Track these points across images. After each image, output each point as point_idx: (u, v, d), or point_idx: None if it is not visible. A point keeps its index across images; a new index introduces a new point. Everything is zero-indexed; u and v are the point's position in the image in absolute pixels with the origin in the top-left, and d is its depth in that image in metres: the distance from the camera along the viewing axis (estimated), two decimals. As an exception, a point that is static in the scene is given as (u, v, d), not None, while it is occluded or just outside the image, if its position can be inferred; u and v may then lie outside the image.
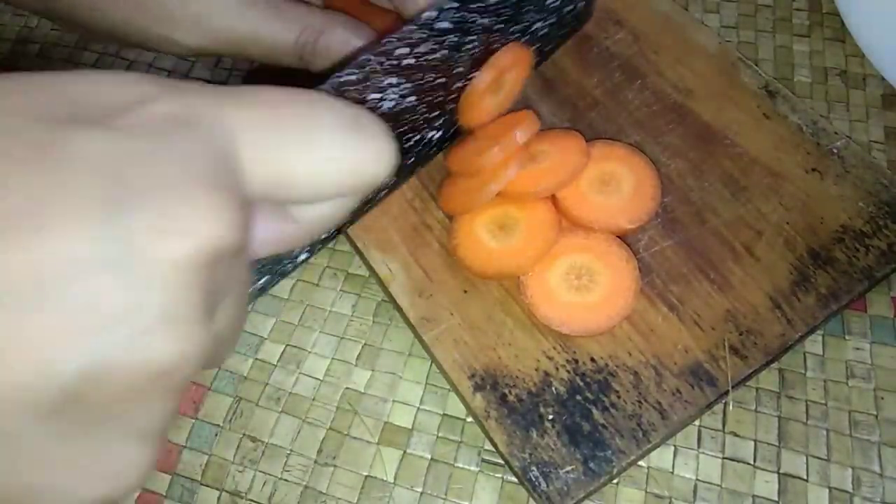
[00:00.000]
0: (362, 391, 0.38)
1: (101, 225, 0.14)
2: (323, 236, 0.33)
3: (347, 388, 0.38)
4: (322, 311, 0.41)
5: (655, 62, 0.44)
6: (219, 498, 0.36)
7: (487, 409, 0.35)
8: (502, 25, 0.36)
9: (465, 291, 0.38)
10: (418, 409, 0.38)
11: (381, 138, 0.19)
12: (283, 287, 0.41)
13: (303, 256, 0.33)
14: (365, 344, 0.40)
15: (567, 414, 0.34)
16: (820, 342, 0.38)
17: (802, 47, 0.48)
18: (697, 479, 0.35)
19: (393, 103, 0.32)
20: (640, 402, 0.34)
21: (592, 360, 0.35)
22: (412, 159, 0.35)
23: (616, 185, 0.39)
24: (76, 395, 0.14)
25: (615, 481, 0.35)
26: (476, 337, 0.36)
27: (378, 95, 0.30)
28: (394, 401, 0.38)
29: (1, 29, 0.54)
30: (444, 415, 0.37)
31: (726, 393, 0.34)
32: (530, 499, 0.35)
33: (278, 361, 0.39)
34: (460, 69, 0.35)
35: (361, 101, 0.30)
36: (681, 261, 0.38)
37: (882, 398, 0.36)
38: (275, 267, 0.31)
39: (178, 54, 0.35)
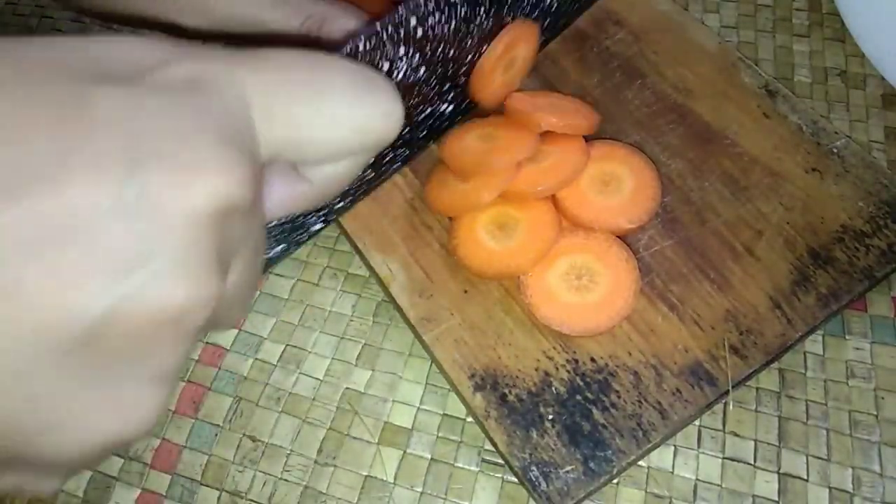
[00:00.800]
0: (362, 391, 0.38)
1: (121, 176, 0.14)
2: (339, 203, 0.33)
3: (347, 388, 0.38)
4: (322, 311, 0.41)
5: (655, 62, 0.44)
6: (219, 498, 0.36)
7: (487, 409, 0.34)
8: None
9: (465, 291, 0.38)
10: (418, 409, 0.38)
11: (390, 98, 0.20)
12: (283, 287, 0.41)
13: (317, 227, 0.33)
14: (365, 344, 0.40)
15: (567, 414, 0.34)
16: (820, 342, 0.38)
17: (802, 47, 0.48)
18: (697, 479, 0.35)
19: (403, 74, 0.32)
20: (640, 401, 0.34)
21: (592, 359, 0.35)
22: (424, 132, 0.36)
23: (616, 185, 0.39)
24: (95, 336, 0.15)
25: (615, 481, 0.35)
26: (476, 337, 0.36)
27: (388, 65, 0.31)
28: (394, 401, 0.38)
29: (1, 29, 0.54)
30: (444, 415, 0.37)
31: (726, 393, 0.34)
32: (530, 499, 0.35)
33: (278, 361, 0.39)
34: (470, 42, 0.35)
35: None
36: (681, 261, 0.38)
37: (882, 398, 0.36)
38: (290, 236, 0.31)
39: (182, 37, 0.35)
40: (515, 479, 0.35)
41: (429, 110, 0.35)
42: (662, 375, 0.35)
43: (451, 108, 0.37)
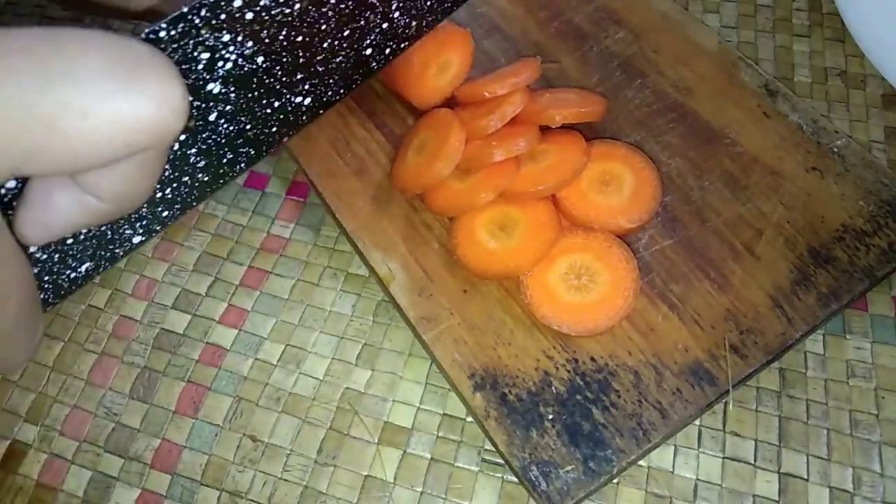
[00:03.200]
0: (362, 391, 0.38)
1: None
2: (164, 212, 0.28)
3: (347, 387, 0.38)
4: (322, 311, 0.41)
5: (655, 61, 0.44)
6: (219, 498, 0.36)
7: (487, 409, 0.34)
8: None
9: (465, 291, 0.37)
10: (418, 408, 0.38)
11: (163, 80, 0.16)
12: (283, 287, 0.41)
13: (137, 239, 0.28)
14: (365, 344, 0.40)
15: (567, 413, 0.34)
16: (821, 341, 0.38)
17: (802, 47, 0.48)
18: (698, 479, 0.35)
19: (234, 65, 0.27)
20: (640, 401, 0.34)
21: (592, 359, 0.35)
22: (274, 127, 0.31)
23: (616, 185, 0.39)
24: None
25: (615, 481, 0.35)
26: (476, 336, 0.36)
27: (208, 55, 0.26)
28: (394, 400, 0.38)
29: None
30: (444, 414, 0.37)
31: (727, 392, 0.34)
32: (530, 499, 0.35)
33: (278, 361, 0.39)
34: (326, 27, 0.30)
35: (190, 62, 0.25)
36: (681, 260, 0.38)
37: (883, 398, 0.36)
38: (99, 251, 0.26)
39: (132, 16, 0.33)
40: (515, 479, 0.35)
41: (277, 104, 0.31)
42: (663, 375, 0.35)
43: (308, 100, 0.32)
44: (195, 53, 0.25)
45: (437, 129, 0.39)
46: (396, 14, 0.34)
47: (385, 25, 0.34)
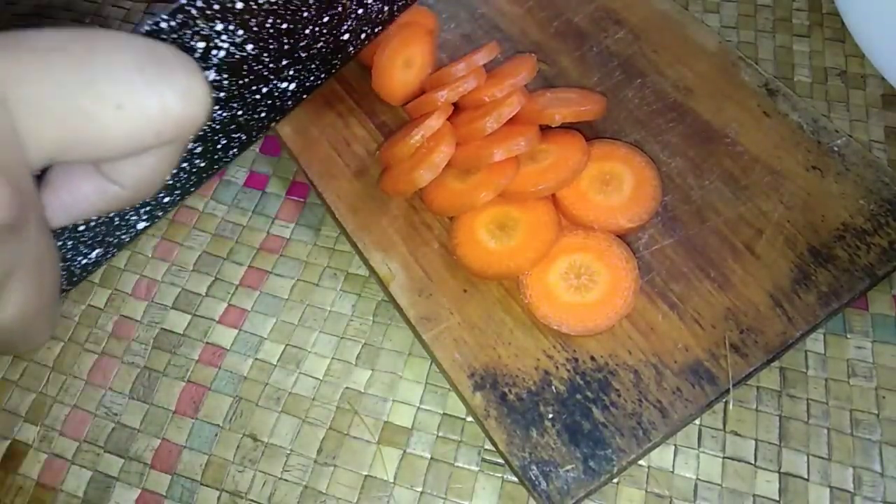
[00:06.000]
0: (362, 391, 0.38)
1: None
2: (165, 198, 0.29)
3: (347, 387, 0.38)
4: (322, 311, 0.41)
5: (655, 61, 0.44)
6: (219, 498, 0.36)
7: (487, 409, 0.34)
8: None
9: (465, 291, 0.37)
10: (418, 408, 0.38)
11: (188, 75, 0.17)
12: (283, 287, 0.41)
13: (141, 225, 0.29)
14: (365, 344, 0.40)
15: (567, 413, 0.34)
16: (821, 340, 0.38)
17: (802, 47, 0.48)
18: (698, 479, 0.35)
19: (226, 53, 0.29)
20: (640, 400, 0.34)
21: (592, 358, 0.35)
22: (262, 113, 0.33)
23: (617, 185, 0.39)
24: None
25: (615, 480, 0.35)
26: (476, 336, 0.36)
27: (204, 44, 0.27)
28: (394, 400, 0.38)
29: (1, 29, 0.55)
30: (444, 414, 0.37)
31: (727, 391, 0.34)
32: (530, 498, 0.35)
33: (278, 361, 0.39)
34: (307, 14, 0.32)
35: (187, 51, 0.27)
36: (681, 259, 0.38)
37: (883, 397, 0.36)
38: (107, 238, 0.28)
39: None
40: (515, 479, 0.35)
41: (265, 89, 0.32)
42: (663, 374, 0.35)
43: (293, 85, 0.34)
44: (192, 43, 0.26)
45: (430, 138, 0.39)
46: (370, 0, 0.36)
47: (360, 11, 0.36)
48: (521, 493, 0.35)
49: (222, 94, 0.28)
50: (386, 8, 0.37)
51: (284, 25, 0.31)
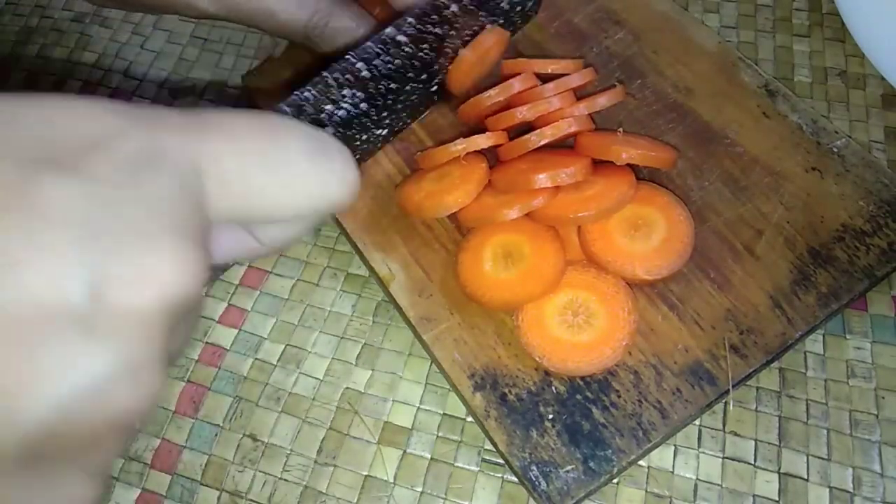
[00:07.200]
0: (362, 391, 0.38)
1: (69, 273, 0.14)
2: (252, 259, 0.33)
3: (347, 387, 0.38)
4: (322, 311, 0.41)
5: (655, 62, 0.44)
6: (219, 498, 0.36)
7: (487, 409, 0.34)
8: (454, 32, 0.37)
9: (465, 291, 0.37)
10: (418, 408, 0.38)
11: (345, 164, 0.20)
12: (283, 287, 0.41)
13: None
14: (365, 344, 0.40)
15: (567, 413, 0.34)
16: (820, 341, 0.38)
17: (802, 47, 0.48)
18: (698, 479, 0.35)
19: (346, 112, 0.33)
20: (640, 401, 0.34)
21: (592, 359, 0.35)
22: (358, 155, 0.37)
23: (646, 232, 0.36)
24: (39, 443, 0.14)
25: (615, 481, 0.35)
26: (476, 336, 0.36)
27: (332, 106, 0.32)
28: (394, 400, 0.38)
29: (1, 29, 0.54)
30: (444, 414, 0.37)
31: (727, 392, 0.34)
32: (530, 498, 0.35)
33: (278, 361, 0.39)
34: (411, 75, 0.36)
35: (318, 113, 0.31)
36: (681, 260, 0.38)
37: (883, 398, 0.36)
38: None
39: (194, 17, 0.37)
40: (515, 479, 0.35)
41: (364, 137, 0.36)
42: (662, 375, 0.35)
43: (385, 131, 0.38)
44: (323, 106, 0.32)
45: (464, 169, 0.38)
46: (458, 52, 0.39)
47: (449, 65, 0.39)
48: (521, 493, 0.35)
49: None
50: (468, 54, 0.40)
51: (393, 86, 0.35)
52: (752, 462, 0.35)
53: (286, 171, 0.18)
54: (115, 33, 0.54)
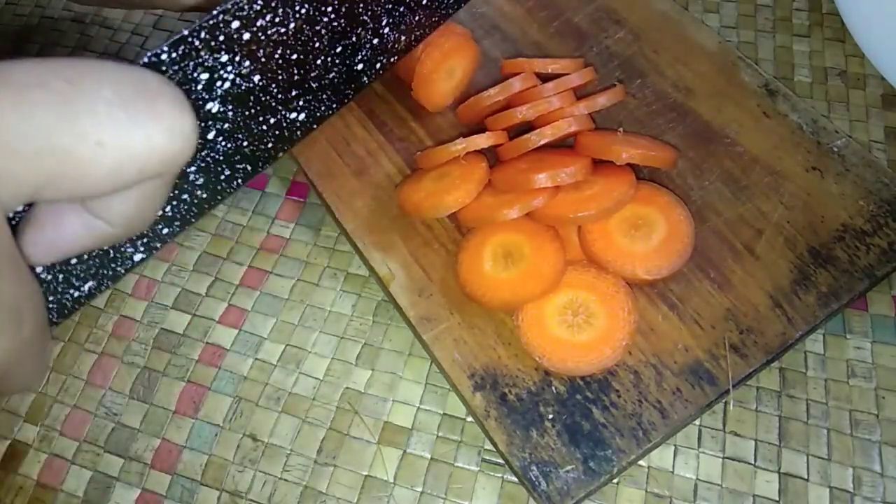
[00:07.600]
0: (362, 391, 0.38)
1: None
2: (164, 230, 0.28)
3: (347, 387, 0.38)
4: (322, 311, 0.41)
5: (655, 61, 0.44)
6: (219, 498, 0.36)
7: (487, 409, 0.34)
8: None
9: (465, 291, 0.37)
10: (418, 408, 0.38)
11: (173, 110, 0.17)
12: (283, 287, 0.41)
13: (138, 257, 0.28)
14: (365, 344, 0.40)
15: (567, 413, 0.34)
16: (821, 341, 0.38)
17: (802, 47, 0.48)
18: (698, 479, 0.35)
19: (231, 84, 0.28)
20: (640, 401, 0.34)
21: (592, 359, 0.35)
22: (269, 143, 0.32)
23: (646, 232, 0.37)
24: None
25: (615, 481, 0.35)
26: (476, 336, 0.36)
27: (207, 76, 0.26)
28: (394, 400, 0.38)
29: (1, 29, 0.55)
30: (444, 414, 0.37)
31: (727, 392, 0.34)
32: (530, 498, 0.35)
33: (278, 361, 0.39)
34: (317, 44, 0.31)
35: (189, 82, 0.26)
36: (681, 260, 0.38)
37: (883, 397, 0.36)
38: (102, 271, 0.27)
39: (177, 11, 0.35)
40: (515, 479, 0.35)
41: (273, 120, 0.31)
42: (663, 375, 0.35)
43: (303, 115, 0.33)
44: (195, 74, 0.25)
45: (464, 169, 0.38)
46: (386, 30, 0.35)
47: (375, 41, 0.35)
48: (521, 493, 0.35)
49: (227, 126, 0.27)
50: (403, 38, 0.36)
51: (294, 56, 0.30)
52: (753, 462, 0.35)
53: (94, 126, 0.15)
54: (115, 33, 0.54)
